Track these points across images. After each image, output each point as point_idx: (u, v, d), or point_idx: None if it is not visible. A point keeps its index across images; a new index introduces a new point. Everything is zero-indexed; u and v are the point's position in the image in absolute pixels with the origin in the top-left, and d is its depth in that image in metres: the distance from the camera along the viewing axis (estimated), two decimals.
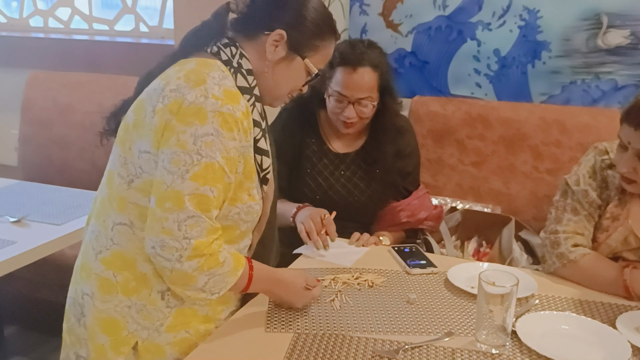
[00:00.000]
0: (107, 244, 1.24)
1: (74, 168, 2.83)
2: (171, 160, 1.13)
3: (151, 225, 1.15)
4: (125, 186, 1.22)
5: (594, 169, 1.58)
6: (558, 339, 1.27)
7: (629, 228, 1.52)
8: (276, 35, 1.26)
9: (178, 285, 1.18)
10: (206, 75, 1.18)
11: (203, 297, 1.19)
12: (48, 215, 1.96)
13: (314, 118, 2.00)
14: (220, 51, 1.27)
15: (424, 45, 2.48)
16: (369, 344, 1.24)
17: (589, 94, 2.28)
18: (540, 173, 2.26)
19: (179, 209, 1.12)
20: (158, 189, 1.14)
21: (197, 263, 1.14)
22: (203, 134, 1.13)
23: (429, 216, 1.99)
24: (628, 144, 1.44)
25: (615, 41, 2.21)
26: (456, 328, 1.32)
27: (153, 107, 1.19)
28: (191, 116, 1.14)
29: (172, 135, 1.14)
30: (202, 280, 1.16)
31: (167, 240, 1.12)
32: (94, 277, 1.24)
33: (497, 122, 2.31)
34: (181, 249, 1.12)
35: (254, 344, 1.25)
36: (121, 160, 1.24)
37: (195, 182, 1.13)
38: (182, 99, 1.15)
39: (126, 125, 1.25)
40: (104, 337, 1.23)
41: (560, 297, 1.47)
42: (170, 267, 1.14)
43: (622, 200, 1.55)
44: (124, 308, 1.22)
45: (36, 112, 2.89)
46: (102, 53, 3.00)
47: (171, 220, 1.12)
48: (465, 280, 1.51)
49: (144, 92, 1.26)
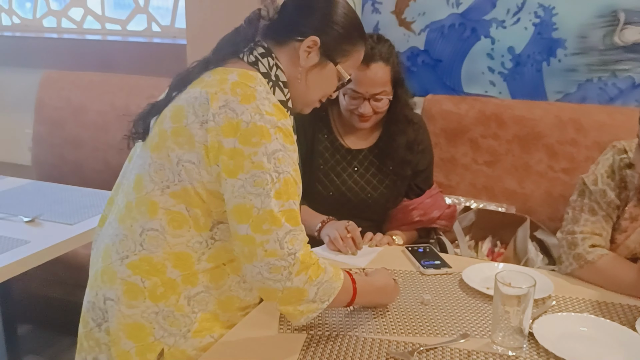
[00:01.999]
0: (135, 249, 1.21)
1: (87, 167, 2.84)
2: (253, 182, 1.13)
3: (251, 252, 1.13)
4: (158, 192, 1.21)
5: (612, 169, 1.56)
6: (576, 341, 1.25)
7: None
8: (310, 41, 1.26)
9: (290, 304, 1.17)
10: (253, 90, 1.18)
11: (314, 307, 1.18)
12: (61, 214, 1.97)
13: (325, 114, 1.99)
14: (259, 62, 1.26)
15: (437, 43, 2.46)
16: (383, 346, 1.23)
17: (605, 92, 2.25)
18: (556, 172, 2.23)
19: (277, 227, 1.12)
20: (248, 215, 1.13)
21: (305, 276, 1.14)
22: (273, 151, 1.15)
23: (442, 215, 1.97)
24: None
25: (632, 38, 2.18)
26: (472, 330, 1.30)
27: (199, 120, 1.17)
28: (256, 136, 1.14)
29: (244, 160, 1.13)
30: (312, 292, 1.16)
31: (273, 261, 1.12)
32: (120, 282, 1.22)
33: (511, 120, 2.29)
34: (289, 266, 1.12)
35: (267, 345, 1.24)
36: (156, 166, 1.22)
37: (279, 200, 1.14)
38: (238, 120, 1.14)
39: (162, 132, 1.23)
40: (129, 343, 1.21)
41: (578, 299, 1.45)
42: (281, 287, 1.13)
43: None
44: (151, 314, 1.20)
45: (49, 112, 2.90)
46: (115, 53, 3.01)
47: (272, 240, 1.12)
48: (480, 281, 1.49)
49: (182, 98, 1.23)
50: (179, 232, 1.20)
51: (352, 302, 1.26)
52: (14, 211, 1.97)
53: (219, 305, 1.25)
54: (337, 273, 1.22)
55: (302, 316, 1.19)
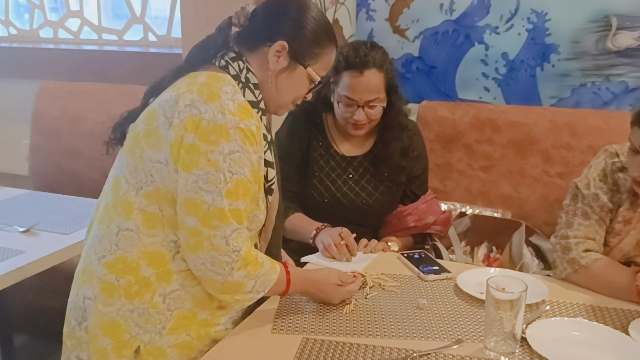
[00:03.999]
0: (111, 248, 1.25)
1: (84, 177, 2.84)
2: (207, 180, 1.18)
3: (197, 243, 1.19)
4: (133, 193, 1.25)
5: (604, 172, 1.56)
6: (569, 346, 1.25)
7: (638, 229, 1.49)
8: (278, 46, 1.30)
9: (228, 294, 1.24)
10: (219, 90, 1.22)
11: (250, 297, 1.27)
12: (57, 224, 1.97)
13: (320, 122, 2.00)
14: (229, 65, 1.30)
15: (431, 50, 2.46)
16: (376, 352, 1.23)
17: (599, 97, 2.26)
18: (551, 177, 2.23)
19: (225, 224, 1.18)
20: (198, 209, 1.18)
21: (245, 271, 1.22)
22: (230, 152, 1.19)
23: (437, 221, 1.97)
24: (639, 147, 1.42)
25: (625, 43, 2.19)
26: (465, 335, 1.30)
27: (168, 120, 1.22)
28: (214, 134, 1.18)
29: (199, 156, 1.18)
30: (250, 284, 1.24)
31: (217, 256, 1.19)
32: (97, 281, 1.25)
33: (506, 126, 2.29)
34: (232, 262, 1.19)
35: (261, 349, 1.25)
36: (130, 167, 1.27)
37: (228, 199, 1.19)
38: (200, 117, 1.18)
39: (136, 134, 1.28)
40: (105, 340, 1.24)
41: (572, 303, 1.45)
42: (222, 279, 1.21)
43: (634, 203, 1.52)
44: (126, 312, 1.23)
45: (46, 122, 2.91)
46: (112, 63, 3.02)
47: (219, 236, 1.18)
48: (475, 286, 1.49)
49: (155, 102, 1.29)
50: (153, 232, 1.24)
51: (287, 291, 1.34)
52: (10, 221, 1.97)
53: (195, 304, 1.28)
54: (273, 267, 1.29)
55: (237, 304, 1.29)
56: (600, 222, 1.54)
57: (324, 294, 1.41)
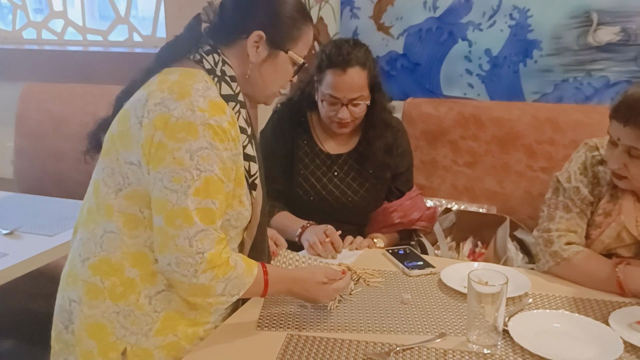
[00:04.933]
0: (95, 250, 1.24)
1: (70, 179, 2.82)
2: (172, 178, 1.15)
3: (163, 243, 1.17)
4: (112, 195, 1.24)
5: (584, 165, 1.58)
6: (551, 338, 1.26)
7: (621, 224, 1.51)
8: (255, 37, 1.27)
9: (198, 297, 1.21)
10: (190, 87, 1.19)
11: (224, 300, 1.22)
12: (41, 226, 1.96)
13: (305, 120, 2.01)
14: (203, 59, 1.27)
15: (415, 47, 2.47)
16: (360, 347, 1.24)
17: (581, 92, 2.28)
18: (535, 172, 2.25)
19: (188, 225, 1.15)
20: (163, 208, 1.16)
21: (212, 274, 1.17)
22: (198, 149, 1.15)
23: (422, 217, 1.98)
24: (618, 140, 1.43)
25: (605, 38, 2.21)
26: (448, 329, 1.31)
27: (139, 120, 1.19)
28: (182, 132, 1.15)
29: (166, 154, 1.15)
30: (220, 287, 1.20)
31: (181, 257, 1.15)
32: (81, 283, 1.25)
33: (490, 122, 2.31)
34: (196, 264, 1.16)
35: (245, 347, 1.25)
36: (108, 170, 1.25)
37: (197, 197, 1.15)
38: (169, 115, 1.16)
39: (111, 136, 1.26)
40: (91, 342, 1.23)
41: (554, 296, 1.46)
42: (187, 281, 1.17)
43: (614, 196, 1.54)
44: (111, 314, 1.22)
45: (31, 125, 2.89)
46: (96, 63, 3.00)
47: (182, 237, 1.15)
48: (459, 281, 1.50)
49: (128, 102, 1.26)
50: (135, 233, 1.22)
51: (265, 291, 1.28)
52: None
53: (182, 303, 1.26)
54: (249, 269, 1.24)
55: (210, 307, 1.26)
56: (581, 215, 1.56)
57: (309, 293, 1.35)
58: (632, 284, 1.43)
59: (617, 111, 1.42)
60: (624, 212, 1.52)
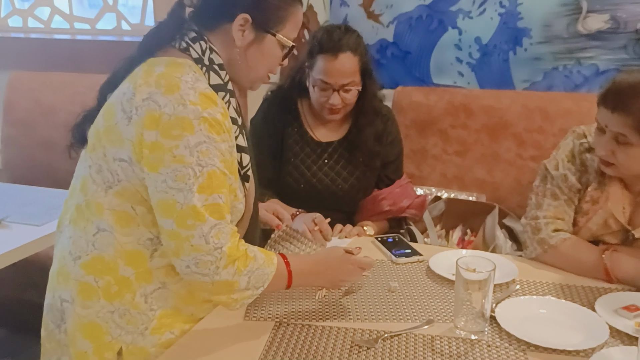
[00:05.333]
0: (87, 248, 1.21)
1: (59, 169, 2.80)
2: (175, 177, 1.11)
3: (178, 246, 1.13)
4: (102, 193, 1.20)
5: (572, 153, 1.59)
6: (537, 323, 1.27)
7: (608, 211, 1.52)
8: (240, 20, 1.22)
9: (222, 294, 1.18)
10: (178, 80, 1.14)
11: (249, 294, 1.19)
12: (29, 216, 1.95)
13: (295, 107, 2.00)
14: (190, 47, 1.22)
15: (405, 35, 2.47)
16: (348, 334, 1.24)
17: (570, 80, 2.28)
18: (524, 160, 2.26)
19: (201, 222, 1.12)
20: (172, 210, 1.12)
21: (233, 268, 1.15)
22: (196, 144, 1.12)
23: (412, 204, 1.99)
24: (605, 127, 1.44)
25: (595, 26, 2.21)
26: (436, 315, 1.32)
27: (127, 115, 1.15)
28: (176, 128, 1.11)
29: (164, 154, 1.12)
30: (244, 281, 1.17)
31: (199, 256, 1.12)
32: (73, 283, 1.21)
33: (479, 110, 2.31)
34: (216, 261, 1.13)
35: (233, 336, 1.25)
36: (95, 167, 1.21)
37: (203, 194, 1.13)
38: (160, 112, 1.12)
39: (97, 132, 1.22)
40: (86, 343, 1.20)
41: (542, 282, 1.47)
42: (210, 280, 1.14)
43: (602, 183, 1.55)
44: (106, 313, 1.20)
45: (19, 114, 2.87)
46: (84, 52, 2.98)
47: (197, 236, 1.12)
48: (447, 268, 1.50)
49: (113, 95, 1.22)
50: (128, 231, 1.19)
51: (290, 283, 1.25)
52: None
53: (179, 300, 1.24)
54: (269, 259, 1.22)
55: (236, 303, 1.20)
56: (569, 202, 1.56)
57: (335, 272, 1.31)
58: (618, 270, 1.44)
59: (605, 98, 1.43)
60: (611, 199, 1.53)
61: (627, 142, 1.40)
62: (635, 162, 1.44)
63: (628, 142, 1.40)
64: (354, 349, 1.19)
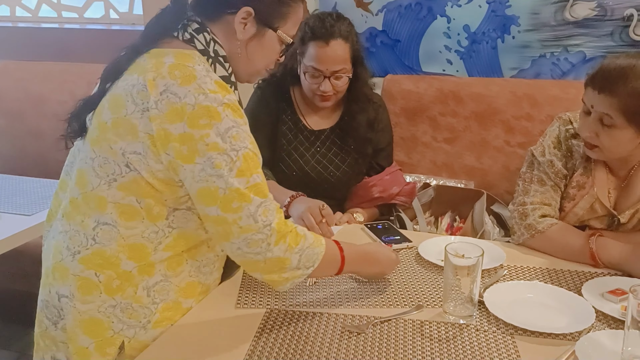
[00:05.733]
0: (87, 243, 1.18)
1: (49, 159, 2.78)
2: (213, 164, 1.11)
3: (226, 231, 1.14)
4: (105, 186, 1.17)
5: (558, 139, 1.61)
6: (525, 308, 1.29)
7: (594, 195, 1.54)
8: (243, 13, 1.21)
9: (275, 272, 1.18)
10: (192, 69, 1.14)
11: (299, 274, 1.20)
12: (19, 206, 1.95)
13: (288, 95, 2.01)
14: (194, 38, 1.21)
15: (394, 23, 2.47)
16: (338, 320, 1.26)
17: (558, 67, 2.30)
18: (512, 147, 2.28)
19: (247, 202, 1.13)
20: (215, 197, 1.12)
21: (284, 245, 1.16)
22: (226, 129, 1.13)
23: (401, 191, 2.01)
24: (591, 108, 1.46)
25: (582, 13, 2.22)
26: (425, 301, 1.34)
27: (139, 108, 1.14)
28: (203, 117, 1.11)
29: (196, 144, 1.11)
30: (295, 259, 1.18)
31: (249, 236, 1.13)
32: (72, 278, 1.18)
33: (468, 98, 2.32)
34: (267, 238, 1.14)
35: (225, 323, 1.26)
36: (99, 160, 1.18)
37: (243, 177, 1.13)
38: (182, 104, 1.11)
39: (102, 124, 1.19)
40: (87, 339, 1.18)
41: (529, 267, 1.50)
42: (262, 258, 1.15)
43: (587, 168, 1.57)
44: (107, 308, 1.18)
45: (8, 104, 2.85)
46: (73, 41, 2.96)
47: (245, 216, 1.13)
48: (436, 254, 1.52)
49: (119, 87, 1.19)
50: (132, 224, 1.18)
51: (342, 269, 1.28)
52: None
53: (179, 293, 1.24)
54: (318, 239, 1.23)
55: (287, 282, 1.20)
56: (555, 188, 1.59)
57: (380, 265, 1.37)
58: (604, 255, 1.47)
59: (593, 79, 1.45)
60: (597, 184, 1.55)
61: (612, 124, 1.43)
62: (619, 145, 1.47)
63: (613, 124, 1.43)
64: (345, 335, 1.21)
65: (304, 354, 1.15)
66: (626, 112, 1.40)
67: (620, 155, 1.51)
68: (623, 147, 1.47)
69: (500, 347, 1.16)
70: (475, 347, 1.17)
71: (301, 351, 1.16)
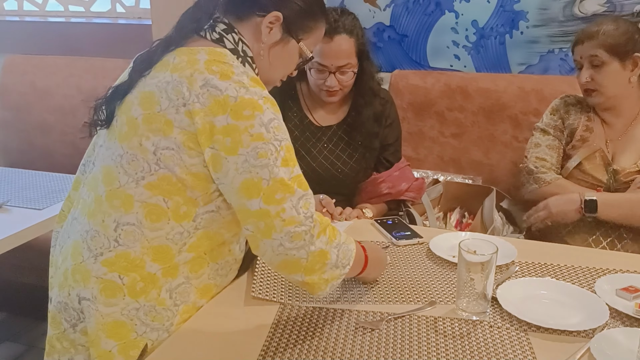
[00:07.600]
0: (109, 245, 1.17)
1: (56, 152, 2.80)
2: (257, 155, 1.11)
3: (268, 225, 1.11)
4: (133, 184, 1.16)
5: (556, 108, 1.93)
6: (538, 304, 1.29)
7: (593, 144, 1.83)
8: (272, 17, 1.23)
9: (315, 272, 1.16)
10: (230, 65, 1.16)
11: (338, 273, 1.18)
12: (29, 200, 1.95)
13: (294, 92, 2.01)
14: (224, 38, 1.23)
15: (402, 18, 2.47)
16: (352, 316, 1.26)
17: (566, 63, 2.30)
18: (520, 142, 2.28)
19: (290, 193, 1.12)
20: (258, 188, 1.11)
21: (326, 237, 1.15)
22: (269, 120, 1.13)
23: (410, 187, 2.01)
24: (580, 59, 1.77)
25: (591, 9, 2.22)
26: (438, 297, 1.34)
27: (175, 105, 1.13)
28: (246, 109, 1.11)
29: (241, 134, 1.11)
30: (334, 254, 1.17)
31: (292, 229, 1.11)
32: (95, 281, 1.17)
33: (476, 93, 2.32)
34: (310, 229, 1.12)
35: (239, 319, 1.27)
36: (128, 157, 1.17)
37: (287, 167, 1.13)
38: (224, 96, 1.11)
39: (131, 120, 1.18)
40: (110, 342, 1.16)
41: (540, 263, 1.50)
42: (305, 253, 1.13)
43: (588, 126, 1.85)
44: (131, 310, 1.17)
45: (14, 98, 2.85)
46: (79, 35, 2.96)
47: (288, 208, 1.11)
48: (447, 250, 1.53)
49: (150, 84, 1.18)
50: (158, 225, 1.17)
51: (364, 269, 1.28)
52: None
53: (198, 294, 1.25)
54: (348, 237, 1.23)
55: (327, 284, 1.18)
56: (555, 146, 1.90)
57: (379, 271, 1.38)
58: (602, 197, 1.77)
59: (577, 39, 1.80)
60: (596, 135, 1.82)
61: (600, 62, 1.74)
62: (613, 80, 1.76)
63: (601, 62, 1.74)
64: (359, 331, 1.21)
65: (319, 350, 1.16)
66: (606, 47, 1.73)
67: (615, 94, 1.79)
68: (615, 82, 1.76)
69: (514, 344, 1.17)
70: (489, 344, 1.17)
71: (316, 347, 1.16)
